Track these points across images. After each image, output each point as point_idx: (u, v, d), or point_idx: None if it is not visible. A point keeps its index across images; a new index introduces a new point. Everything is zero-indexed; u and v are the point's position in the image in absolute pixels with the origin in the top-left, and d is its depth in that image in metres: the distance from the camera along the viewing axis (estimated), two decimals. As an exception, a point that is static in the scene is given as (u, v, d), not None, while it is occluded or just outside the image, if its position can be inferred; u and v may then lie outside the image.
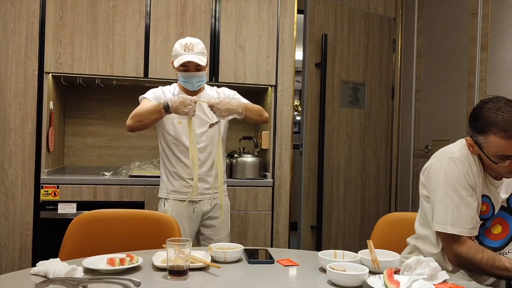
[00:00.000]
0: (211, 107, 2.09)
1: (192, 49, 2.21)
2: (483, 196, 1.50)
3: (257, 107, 2.28)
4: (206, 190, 2.30)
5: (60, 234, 1.77)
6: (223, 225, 2.36)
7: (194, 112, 2.05)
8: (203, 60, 2.21)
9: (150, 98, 2.26)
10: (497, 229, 1.52)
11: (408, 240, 1.71)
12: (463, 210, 1.44)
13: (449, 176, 1.48)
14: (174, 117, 2.22)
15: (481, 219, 1.50)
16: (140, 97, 2.32)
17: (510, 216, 1.52)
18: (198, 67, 2.22)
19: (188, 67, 2.21)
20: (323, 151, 3.52)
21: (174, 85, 2.37)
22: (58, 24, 2.85)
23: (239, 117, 2.16)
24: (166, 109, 2.05)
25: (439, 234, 1.50)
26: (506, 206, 1.52)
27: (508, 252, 1.50)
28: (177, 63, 2.20)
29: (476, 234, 1.47)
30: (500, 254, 1.47)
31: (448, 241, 1.47)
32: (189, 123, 2.10)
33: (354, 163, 3.81)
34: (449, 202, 1.46)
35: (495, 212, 1.52)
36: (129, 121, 2.17)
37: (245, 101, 2.33)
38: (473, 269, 1.44)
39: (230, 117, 2.15)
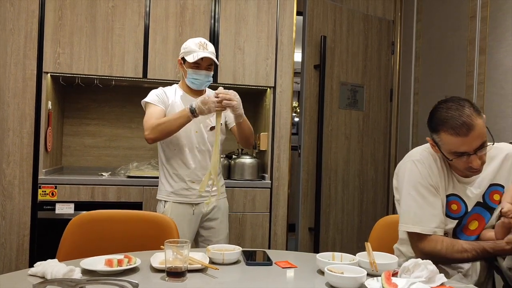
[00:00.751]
0: (226, 99, 2.06)
1: (207, 48, 2.24)
2: (452, 195, 1.53)
3: (251, 126, 2.34)
4: (206, 192, 2.29)
5: (58, 234, 1.76)
6: (222, 226, 2.36)
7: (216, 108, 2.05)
8: (216, 60, 2.26)
9: (156, 103, 2.24)
10: (474, 225, 1.55)
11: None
12: (426, 209, 1.49)
13: (411, 177, 1.53)
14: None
15: (455, 218, 1.53)
16: (143, 102, 2.29)
17: (486, 211, 1.54)
18: (209, 67, 2.24)
19: (200, 65, 2.22)
20: (322, 152, 3.52)
21: (175, 86, 2.36)
22: (57, 24, 2.85)
23: (235, 119, 2.20)
24: (193, 112, 2.07)
25: (407, 233, 1.55)
26: (482, 201, 1.53)
27: None
28: (192, 58, 2.19)
29: (441, 233, 1.50)
30: None
31: (413, 240, 1.52)
32: (217, 118, 2.10)
33: (352, 165, 3.82)
34: (412, 202, 1.52)
35: (469, 209, 1.53)
36: (150, 134, 2.13)
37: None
38: (440, 261, 1.46)
39: (229, 111, 2.14)
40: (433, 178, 1.51)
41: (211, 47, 2.27)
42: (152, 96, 2.27)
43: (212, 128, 2.27)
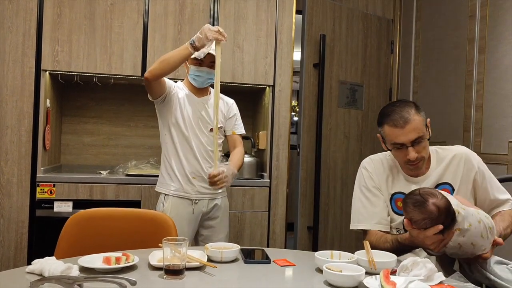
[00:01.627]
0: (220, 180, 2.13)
1: (211, 45, 2.22)
2: (398, 193, 1.70)
3: (241, 161, 2.41)
4: (205, 189, 2.30)
5: (56, 232, 1.76)
6: (222, 226, 2.37)
7: (220, 36, 2.06)
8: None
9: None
10: None
11: None
12: (367, 208, 1.71)
13: (357, 181, 1.80)
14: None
15: (401, 214, 1.67)
16: None
17: None
18: (212, 64, 2.24)
19: (203, 62, 2.23)
20: (320, 151, 3.52)
21: (180, 82, 2.38)
22: (56, 21, 2.84)
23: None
24: (192, 43, 2.07)
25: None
26: None
27: None
28: (198, 55, 2.20)
29: (384, 228, 1.68)
30: None
31: (363, 235, 1.73)
32: (217, 49, 2.09)
33: (351, 164, 3.81)
34: (357, 203, 1.76)
35: None
36: (151, 68, 2.13)
37: (238, 120, 2.44)
38: (376, 248, 1.57)
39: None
40: (375, 179, 1.73)
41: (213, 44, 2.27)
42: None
43: (211, 129, 2.27)
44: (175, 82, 2.37)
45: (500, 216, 1.65)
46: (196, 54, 2.18)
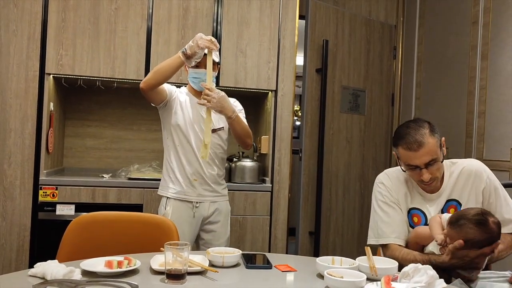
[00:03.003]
0: (206, 95, 2.11)
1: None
2: (414, 208, 1.72)
3: (247, 127, 2.34)
4: (206, 192, 2.30)
5: (58, 235, 1.76)
6: (223, 230, 2.37)
7: (212, 45, 2.09)
8: (218, 58, 2.29)
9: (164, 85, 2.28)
10: None
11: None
12: (387, 223, 1.71)
13: (374, 195, 1.80)
14: (181, 125, 2.25)
15: None
16: None
17: None
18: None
19: (200, 64, 2.22)
20: (323, 156, 3.52)
21: (184, 88, 2.39)
22: (60, 25, 2.86)
23: (226, 119, 2.23)
24: (184, 51, 2.10)
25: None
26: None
27: None
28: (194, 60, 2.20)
29: (400, 242, 1.68)
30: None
31: (383, 250, 1.72)
32: (209, 58, 2.11)
33: (353, 169, 3.81)
34: (376, 217, 1.75)
35: (428, 222, 1.66)
36: (145, 79, 2.17)
37: (242, 115, 2.37)
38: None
39: (217, 114, 2.22)
40: (394, 194, 1.74)
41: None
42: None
43: (214, 131, 2.28)
44: (179, 87, 2.39)
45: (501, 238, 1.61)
46: (188, 63, 2.18)
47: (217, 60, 2.27)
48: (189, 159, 2.28)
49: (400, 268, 1.40)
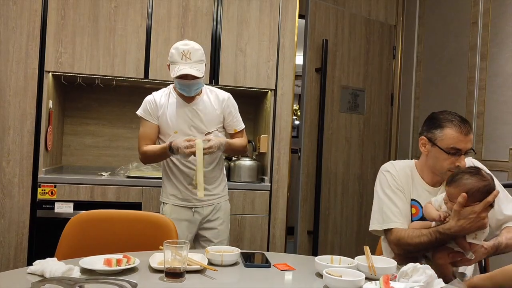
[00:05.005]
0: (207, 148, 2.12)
1: (190, 57, 2.13)
2: (414, 200, 1.72)
3: (239, 145, 2.35)
4: (206, 197, 2.28)
5: (57, 233, 1.76)
6: (222, 228, 2.36)
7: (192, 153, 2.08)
8: (200, 71, 2.14)
9: (146, 117, 2.27)
10: None
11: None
12: (391, 207, 1.69)
13: (378, 182, 1.78)
14: (171, 132, 2.26)
15: (413, 220, 1.69)
16: (137, 113, 2.31)
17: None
18: (193, 76, 2.14)
19: (186, 76, 2.14)
20: (322, 156, 3.52)
21: (170, 87, 2.32)
22: (60, 23, 2.85)
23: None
24: (172, 152, 2.13)
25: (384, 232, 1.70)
26: None
27: None
28: (173, 74, 2.13)
29: (407, 224, 1.67)
30: None
31: (386, 236, 1.70)
32: (198, 156, 2.08)
33: (352, 168, 3.82)
34: (381, 204, 1.73)
35: (424, 216, 1.66)
36: (141, 158, 2.29)
37: (236, 113, 2.36)
38: (408, 247, 1.59)
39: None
40: (399, 182, 1.73)
41: (196, 54, 2.15)
42: (143, 108, 2.29)
43: (207, 134, 2.26)
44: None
45: (507, 229, 1.64)
46: (172, 74, 2.15)
47: (200, 75, 2.15)
48: (185, 164, 2.26)
49: (402, 262, 1.41)
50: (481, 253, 1.52)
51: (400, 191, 1.72)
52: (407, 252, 1.60)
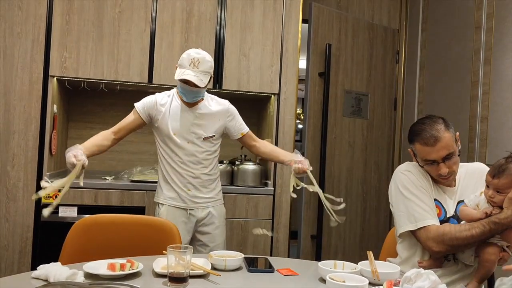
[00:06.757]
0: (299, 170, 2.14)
1: (198, 66, 2.17)
2: (436, 200, 1.68)
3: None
4: (200, 199, 2.33)
5: (61, 237, 1.77)
6: (218, 232, 2.38)
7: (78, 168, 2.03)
8: (203, 81, 2.18)
9: (138, 112, 2.30)
10: None
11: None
12: (419, 205, 1.63)
13: (400, 183, 1.70)
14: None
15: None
16: (135, 104, 2.34)
17: (457, 223, 1.62)
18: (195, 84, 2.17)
19: (188, 82, 2.17)
20: (325, 160, 3.52)
21: (174, 91, 2.36)
22: (64, 28, 2.87)
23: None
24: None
25: (413, 233, 1.63)
26: (455, 213, 1.65)
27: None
28: (177, 75, 2.18)
29: (438, 222, 1.61)
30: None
31: (421, 235, 1.60)
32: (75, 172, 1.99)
33: (356, 173, 3.81)
34: (406, 203, 1.65)
35: (447, 217, 1.65)
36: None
37: (237, 116, 2.41)
38: (455, 241, 1.52)
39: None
40: (421, 181, 1.69)
41: (205, 65, 2.19)
42: (141, 103, 2.32)
43: (205, 139, 2.29)
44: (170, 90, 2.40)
45: None
46: (176, 76, 2.18)
47: (201, 85, 2.18)
48: (182, 167, 2.28)
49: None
50: None
51: (424, 189, 1.68)
52: (451, 248, 1.54)
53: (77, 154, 2.01)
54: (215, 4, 3.05)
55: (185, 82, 2.18)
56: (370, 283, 1.31)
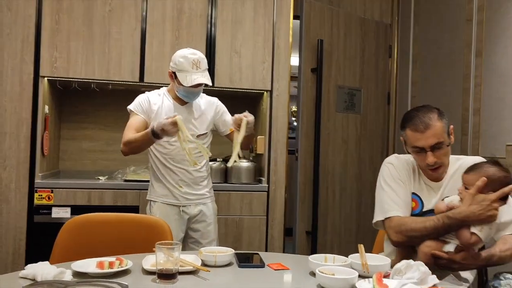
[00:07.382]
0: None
1: (199, 66, 2.20)
2: (414, 193, 1.70)
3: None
4: (192, 195, 2.34)
5: (54, 238, 1.76)
6: (210, 229, 2.39)
7: (177, 130, 1.99)
8: (209, 79, 2.23)
9: (137, 112, 2.28)
10: None
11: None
12: (392, 197, 1.67)
13: (380, 174, 1.77)
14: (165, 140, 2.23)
15: (412, 214, 1.66)
16: (128, 108, 2.33)
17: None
18: (198, 85, 2.21)
19: (199, 84, 2.21)
20: (319, 156, 3.52)
21: (163, 90, 2.37)
22: (54, 28, 2.86)
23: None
24: (156, 136, 2.03)
25: (383, 222, 1.66)
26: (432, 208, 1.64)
27: None
28: (187, 83, 2.16)
29: (408, 214, 1.65)
30: None
31: (385, 225, 1.65)
32: (179, 139, 2.01)
33: (350, 168, 3.81)
34: (382, 194, 1.71)
35: (424, 210, 1.65)
36: (123, 148, 2.19)
37: (226, 114, 2.43)
38: (411, 232, 1.54)
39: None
40: (401, 174, 1.71)
41: (204, 62, 2.24)
42: (135, 104, 2.31)
43: (199, 136, 2.30)
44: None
45: (503, 240, 1.52)
46: (185, 84, 2.17)
47: (210, 83, 2.24)
48: (174, 164, 2.30)
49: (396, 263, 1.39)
50: (469, 260, 1.44)
51: (401, 181, 1.71)
52: (408, 239, 1.56)
53: (165, 120, 1.98)
54: (205, 1, 3.04)
55: (196, 85, 2.19)
56: (360, 276, 1.31)
